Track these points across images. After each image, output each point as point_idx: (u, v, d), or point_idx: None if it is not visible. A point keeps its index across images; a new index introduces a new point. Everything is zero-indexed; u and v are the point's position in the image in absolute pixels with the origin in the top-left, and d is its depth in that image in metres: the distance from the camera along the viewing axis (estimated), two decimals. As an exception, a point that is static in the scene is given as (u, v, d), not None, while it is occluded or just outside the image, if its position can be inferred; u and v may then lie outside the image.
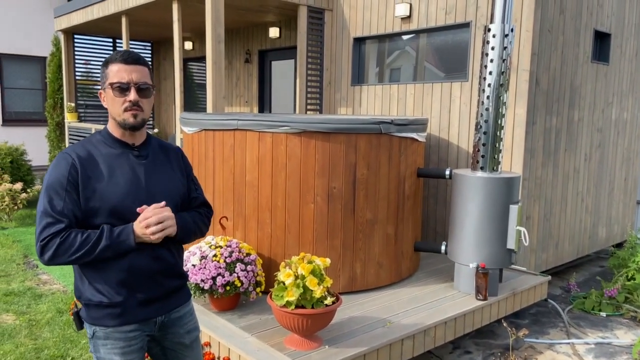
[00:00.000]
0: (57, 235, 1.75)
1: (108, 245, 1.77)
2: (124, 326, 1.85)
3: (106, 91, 1.86)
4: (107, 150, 1.87)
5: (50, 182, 1.80)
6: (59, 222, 1.76)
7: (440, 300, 3.77)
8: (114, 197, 1.81)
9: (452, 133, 5.01)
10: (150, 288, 1.88)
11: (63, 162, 1.81)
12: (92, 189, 1.80)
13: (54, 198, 1.78)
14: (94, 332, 1.87)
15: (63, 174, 1.79)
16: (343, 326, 3.28)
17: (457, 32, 5.05)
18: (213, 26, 5.19)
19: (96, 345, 1.87)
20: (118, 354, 1.85)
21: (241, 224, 3.86)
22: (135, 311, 1.86)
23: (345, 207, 3.78)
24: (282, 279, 2.84)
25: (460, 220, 3.91)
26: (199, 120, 3.99)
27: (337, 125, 3.67)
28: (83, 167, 1.81)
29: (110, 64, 1.85)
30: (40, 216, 1.78)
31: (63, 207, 1.77)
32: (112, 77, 1.83)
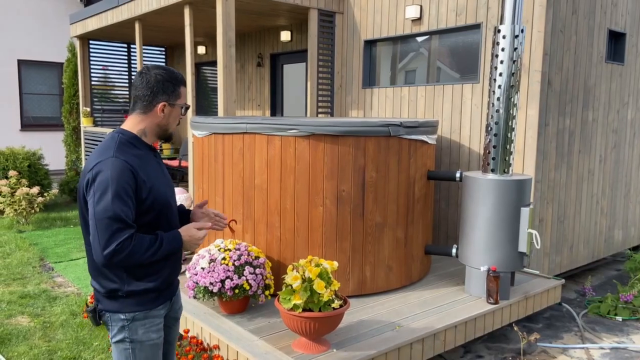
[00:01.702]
0: (128, 240, 1.90)
1: (167, 250, 1.98)
2: (159, 306, 2.10)
3: (174, 108, 2.07)
4: (139, 152, 2.03)
5: (117, 188, 1.90)
6: (130, 227, 1.91)
7: (450, 304, 3.73)
8: (161, 193, 2.04)
9: (463, 135, 4.97)
10: (175, 272, 2.16)
11: (120, 167, 1.92)
12: (147, 189, 1.97)
13: (121, 204, 1.89)
14: (134, 317, 2.04)
15: (127, 182, 1.92)
16: (351, 329, 3.26)
17: (467, 33, 5.01)
18: (224, 30, 5.23)
19: (134, 328, 2.05)
20: (155, 331, 2.09)
21: (250, 227, 3.87)
22: (167, 291, 2.13)
23: (355, 210, 3.77)
24: (290, 282, 2.84)
25: (471, 223, 3.87)
26: (209, 124, 4.02)
27: (346, 128, 3.66)
28: (137, 170, 1.95)
29: (181, 85, 2.08)
30: (108, 222, 1.88)
31: (129, 212, 1.91)
32: (183, 98, 2.10)
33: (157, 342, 2.12)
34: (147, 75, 2.04)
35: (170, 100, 2.05)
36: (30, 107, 12.64)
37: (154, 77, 2.03)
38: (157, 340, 2.11)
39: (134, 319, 2.04)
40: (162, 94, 2.03)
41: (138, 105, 2.05)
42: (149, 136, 2.08)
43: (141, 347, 2.07)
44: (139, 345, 2.06)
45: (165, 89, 2.03)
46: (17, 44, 12.00)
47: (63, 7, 12.47)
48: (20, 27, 12.01)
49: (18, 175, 8.52)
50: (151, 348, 2.09)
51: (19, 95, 12.38)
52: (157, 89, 2.03)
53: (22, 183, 8.20)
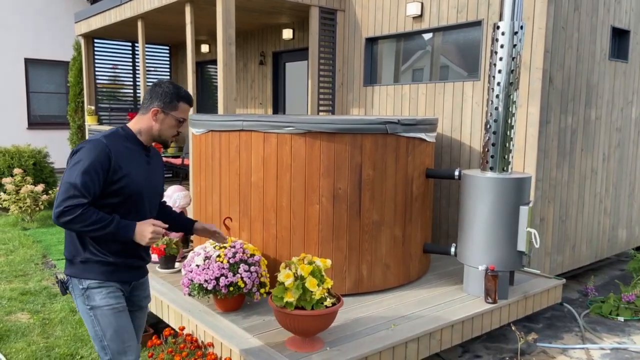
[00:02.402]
0: (79, 207, 2.12)
1: (113, 232, 2.17)
2: (113, 282, 2.30)
3: (168, 117, 2.32)
4: (129, 146, 2.31)
5: (87, 162, 2.15)
6: (84, 197, 2.14)
7: (448, 303, 3.70)
8: (136, 182, 2.27)
9: (464, 133, 4.93)
10: (135, 259, 2.37)
11: (100, 149, 2.19)
12: (121, 174, 2.21)
13: (87, 177, 2.14)
14: (89, 285, 2.26)
15: (99, 159, 2.17)
16: (346, 328, 3.24)
17: (468, 30, 4.97)
18: (224, 28, 5.22)
19: (91, 295, 2.26)
20: (112, 297, 2.28)
21: (247, 225, 3.86)
22: (122, 273, 2.33)
23: (351, 208, 3.74)
24: (282, 279, 2.83)
25: (470, 222, 3.84)
26: (206, 122, 4.01)
27: (342, 126, 3.64)
28: (115, 156, 2.21)
29: (182, 101, 2.34)
30: (68, 186, 2.13)
31: (91, 186, 2.15)
32: (180, 112, 2.35)
33: (118, 307, 2.28)
34: (156, 86, 2.35)
35: (165, 109, 2.31)
36: (37, 105, 12.73)
37: (157, 88, 2.33)
38: (117, 305, 2.28)
39: (89, 287, 2.25)
40: (158, 101, 2.30)
41: (141, 108, 2.36)
42: (143, 136, 2.35)
43: (102, 313, 2.26)
44: (99, 310, 2.25)
45: (163, 97, 2.31)
46: (24, 42, 12.09)
47: (70, 5, 12.53)
48: (27, 26, 12.09)
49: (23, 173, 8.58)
50: (112, 313, 2.27)
51: (25, 94, 12.47)
52: (155, 96, 2.31)
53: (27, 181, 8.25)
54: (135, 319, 2.49)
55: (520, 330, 4.24)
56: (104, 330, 2.25)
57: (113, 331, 2.26)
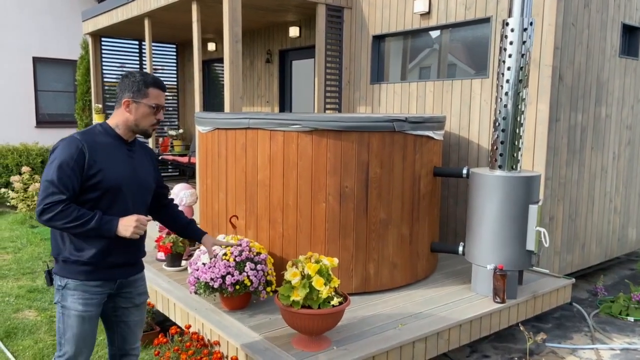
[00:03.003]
0: (59, 204, 2.15)
1: (95, 228, 2.20)
2: (92, 281, 2.30)
3: (141, 105, 2.32)
4: (106, 140, 2.32)
5: (61, 159, 2.18)
6: (62, 193, 2.17)
7: (456, 302, 3.67)
8: (114, 177, 2.28)
9: (472, 131, 4.89)
10: (118, 257, 2.35)
11: (74, 145, 2.22)
12: (97, 169, 2.23)
13: (62, 173, 2.17)
14: (66, 284, 2.29)
15: (72, 156, 2.19)
16: (353, 327, 3.22)
17: (477, 27, 4.92)
18: (230, 25, 5.20)
19: (64, 295, 2.30)
20: (81, 303, 2.29)
21: (253, 223, 3.85)
22: (103, 272, 2.33)
23: (358, 207, 3.71)
24: (289, 278, 2.81)
25: (478, 221, 3.80)
26: (212, 119, 4.00)
27: (349, 124, 3.61)
28: (89, 151, 2.22)
29: (152, 87, 2.32)
30: (47, 184, 2.17)
31: (68, 182, 2.17)
32: (152, 99, 2.33)
33: (83, 314, 2.29)
34: (123, 78, 2.34)
35: (135, 98, 2.31)
36: (45, 104, 12.77)
37: (126, 79, 2.33)
38: (84, 312, 2.29)
39: (65, 286, 2.29)
40: (127, 92, 2.31)
41: (116, 102, 2.38)
42: (121, 129, 2.36)
43: (68, 314, 2.30)
44: (67, 311, 2.30)
45: (131, 87, 2.31)
46: (32, 41, 12.13)
47: (77, 4, 12.57)
48: (35, 25, 12.13)
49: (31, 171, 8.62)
50: (77, 318, 2.29)
51: (34, 93, 12.51)
52: (124, 87, 2.32)
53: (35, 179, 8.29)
54: (131, 314, 2.50)
55: (529, 330, 4.20)
56: (65, 329, 2.31)
57: (71, 334, 2.30)
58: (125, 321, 2.50)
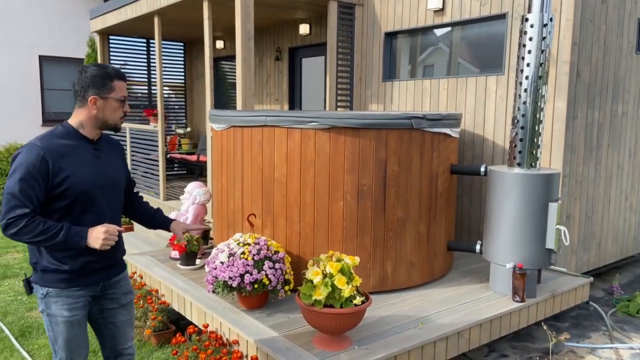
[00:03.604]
0: (22, 218, 2.06)
1: (63, 241, 2.11)
2: (74, 288, 2.25)
3: (108, 101, 2.23)
4: (70, 143, 2.20)
5: (22, 170, 2.08)
6: (26, 206, 2.07)
7: (475, 302, 3.63)
8: (83, 181, 2.17)
9: (487, 129, 4.84)
10: (96, 262, 2.29)
11: (34, 154, 2.10)
12: (63, 176, 2.12)
13: (24, 185, 2.07)
14: (47, 292, 2.24)
15: (34, 165, 2.08)
16: (373, 326, 3.19)
17: (492, 23, 4.87)
18: (242, 23, 5.17)
19: (48, 303, 2.25)
20: (67, 309, 2.24)
21: (270, 222, 3.82)
22: (83, 278, 2.27)
23: (376, 205, 3.68)
24: (310, 277, 2.77)
25: (496, 219, 3.76)
26: (228, 117, 3.97)
27: (367, 121, 3.58)
28: (52, 158, 2.11)
29: (115, 79, 2.23)
30: (8, 198, 2.08)
31: (31, 194, 2.07)
32: (117, 91, 2.24)
33: (71, 319, 2.25)
34: (80, 73, 2.22)
35: (101, 94, 2.21)
36: (51, 102, 12.77)
37: (84, 74, 2.20)
38: (70, 318, 2.25)
39: (47, 294, 2.24)
40: (92, 89, 2.20)
41: (76, 101, 2.23)
42: (87, 128, 2.25)
43: (56, 322, 2.26)
44: (54, 319, 2.26)
45: (94, 83, 2.20)
46: (38, 39, 12.13)
47: (83, 2, 12.56)
48: (41, 23, 12.12)
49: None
50: (65, 324, 2.25)
51: (40, 91, 12.52)
52: (86, 84, 2.20)
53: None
54: (118, 315, 2.46)
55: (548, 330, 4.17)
56: (56, 336, 2.27)
57: (63, 340, 2.27)
58: (113, 322, 2.45)
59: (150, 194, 7.47)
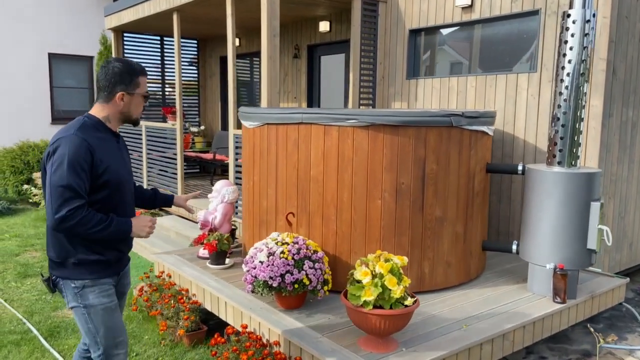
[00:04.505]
0: (80, 210, 2.09)
1: (115, 231, 2.19)
2: (106, 278, 2.32)
3: (134, 96, 2.30)
4: (101, 135, 2.25)
5: (70, 161, 2.09)
6: (81, 197, 2.10)
7: (515, 303, 3.57)
8: (117, 173, 2.26)
9: (517, 127, 4.78)
10: (125, 248, 2.41)
11: (78, 144, 2.12)
12: (104, 167, 2.18)
13: (75, 176, 2.09)
14: (84, 284, 2.26)
15: (82, 156, 2.11)
16: (417, 328, 3.13)
17: (524, 20, 4.80)
18: (269, 19, 5.11)
19: (84, 295, 2.26)
20: (105, 296, 2.30)
21: (305, 220, 3.76)
22: (117, 264, 2.38)
23: (414, 204, 3.62)
24: (359, 277, 2.71)
25: (536, 219, 3.69)
26: (261, 115, 3.91)
27: (407, 118, 3.51)
28: (94, 150, 2.16)
29: (140, 75, 2.30)
30: (61, 190, 2.06)
31: (82, 185, 2.11)
32: (142, 87, 2.32)
33: (110, 305, 2.32)
34: (106, 68, 2.25)
35: (129, 90, 2.27)
36: (61, 100, 12.71)
37: (112, 70, 2.24)
38: (109, 304, 2.31)
39: (83, 286, 2.25)
40: (120, 85, 2.25)
41: (101, 95, 2.27)
42: (112, 122, 2.32)
43: (95, 311, 2.28)
44: (92, 309, 2.27)
45: (122, 79, 2.25)
46: (48, 37, 12.06)
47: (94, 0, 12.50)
48: (51, 21, 12.06)
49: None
50: (105, 311, 2.30)
51: (49, 89, 12.46)
52: (115, 80, 2.24)
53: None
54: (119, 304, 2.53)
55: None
56: (97, 327, 2.29)
57: (106, 328, 2.30)
58: None
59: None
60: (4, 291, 4.96)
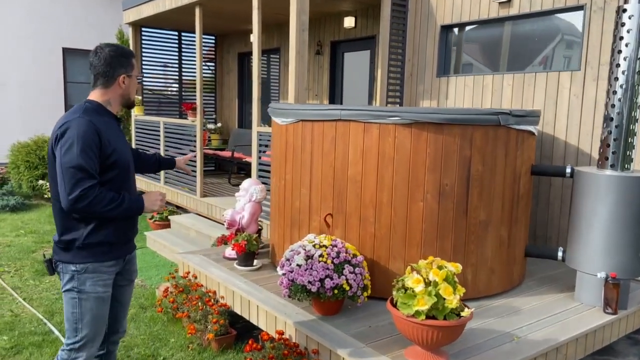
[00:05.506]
0: (93, 189, 2.12)
1: (127, 208, 2.21)
2: (111, 261, 2.32)
3: (132, 78, 2.36)
4: (104, 119, 2.28)
5: (80, 142, 2.11)
6: (93, 177, 2.14)
7: (564, 313, 3.37)
8: (123, 154, 2.31)
9: (558, 128, 4.57)
10: (130, 230, 2.42)
11: (86, 125, 2.15)
12: (112, 147, 2.23)
13: (86, 157, 2.11)
14: (85, 268, 2.25)
15: (91, 137, 2.14)
16: (466, 339, 2.94)
17: (566, 16, 4.60)
18: (298, 14, 4.93)
19: (82, 280, 2.25)
20: (101, 285, 2.30)
21: (341, 222, 3.58)
22: (121, 248, 2.38)
23: (458, 206, 3.43)
24: (411, 285, 2.53)
25: (586, 224, 3.49)
26: (296, 111, 3.73)
27: (452, 116, 3.33)
28: (101, 131, 2.19)
29: (132, 57, 2.36)
30: (73, 171, 2.09)
31: (92, 165, 2.14)
32: (136, 69, 2.40)
33: (103, 295, 2.30)
34: (101, 53, 2.27)
35: (128, 72, 2.33)
36: (74, 95, 12.61)
37: (108, 54, 2.27)
38: (103, 294, 2.30)
39: (85, 270, 2.25)
40: (120, 68, 2.30)
41: (100, 81, 2.29)
42: (113, 105, 2.36)
43: (87, 298, 2.26)
44: (85, 295, 2.26)
45: (121, 63, 2.30)
46: (62, 32, 11.95)
47: (109, -5, 12.38)
48: (66, 16, 11.96)
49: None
50: (96, 300, 2.28)
51: (63, 84, 12.36)
52: (114, 64, 2.28)
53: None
54: (125, 292, 2.54)
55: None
56: (83, 314, 2.27)
57: (91, 317, 2.28)
58: (120, 300, 2.52)
59: (184, 189, 7.26)
60: (23, 290, 4.82)
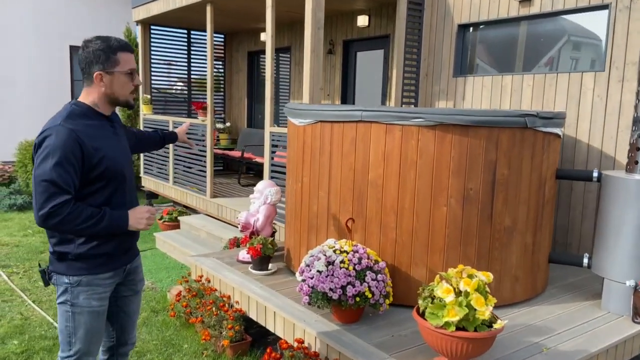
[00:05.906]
0: (65, 205, 1.94)
1: (106, 226, 2.04)
2: (107, 273, 2.18)
3: (115, 75, 2.10)
4: (92, 122, 2.10)
5: (57, 154, 1.93)
6: (67, 192, 1.96)
7: (591, 322, 3.26)
8: (115, 160, 2.12)
9: (581, 130, 4.45)
10: (127, 240, 2.26)
11: (66, 136, 1.96)
12: (99, 156, 2.04)
13: (61, 170, 1.94)
14: (79, 281, 2.12)
15: (70, 148, 1.96)
16: (494, 350, 2.83)
17: (589, 15, 4.47)
18: (313, 11, 4.83)
19: (75, 293, 2.13)
20: (96, 299, 2.17)
21: (361, 227, 3.47)
22: (119, 259, 2.24)
23: (482, 212, 3.32)
24: (441, 295, 2.43)
25: (615, 230, 3.38)
26: (315, 111, 3.63)
27: (479, 118, 3.21)
28: (84, 140, 2.00)
29: (119, 51, 2.10)
30: (46, 185, 1.92)
31: (69, 179, 1.96)
32: (123, 64, 2.11)
33: (98, 309, 2.19)
34: (83, 48, 2.09)
35: (106, 69, 2.08)
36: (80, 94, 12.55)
37: (88, 49, 2.07)
38: (98, 308, 2.19)
39: (78, 283, 2.12)
40: (95, 64, 2.07)
41: (84, 79, 2.12)
42: (101, 106, 2.15)
43: (81, 312, 2.15)
44: (78, 309, 2.14)
45: (97, 58, 2.07)
46: (69, 29, 11.88)
47: (117, -8, 12.31)
48: (73, 13, 11.89)
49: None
50: (90, 314, 2.16)
51: (70, 82, 12.30)
52: (89, 59, 2.08)
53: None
54: (131, 303, 2.43)
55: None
56: (77, 328, 2.17)
57: (84, 331, 2.18)
58: (126, 311, 2.41)
59: (193, 189, 7.17)
60: (32, 292, 4.74)
